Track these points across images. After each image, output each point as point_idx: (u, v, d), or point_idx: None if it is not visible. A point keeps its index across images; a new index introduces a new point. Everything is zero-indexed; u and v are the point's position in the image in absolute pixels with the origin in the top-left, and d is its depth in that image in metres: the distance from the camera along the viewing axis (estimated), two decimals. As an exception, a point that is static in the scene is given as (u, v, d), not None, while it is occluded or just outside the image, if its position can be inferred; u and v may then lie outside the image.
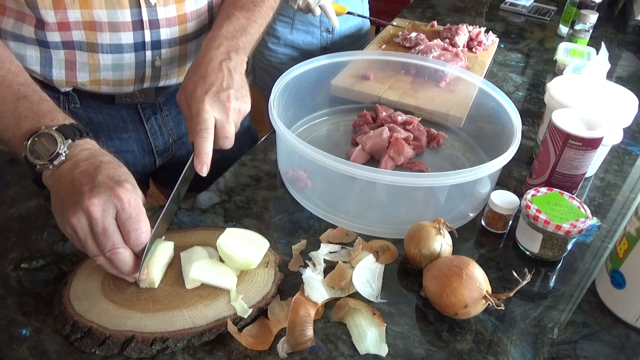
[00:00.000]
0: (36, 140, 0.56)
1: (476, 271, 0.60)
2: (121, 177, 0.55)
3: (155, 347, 0.54)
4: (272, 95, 0.81)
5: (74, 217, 0.52)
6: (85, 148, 0.58)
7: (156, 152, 0.92)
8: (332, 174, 0.69)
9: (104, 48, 0.73)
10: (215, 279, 0.60)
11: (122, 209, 0.53)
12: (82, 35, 0.71)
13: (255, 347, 0.56)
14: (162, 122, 0.90)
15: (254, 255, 0.63)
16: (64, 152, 0.56)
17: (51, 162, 0.56)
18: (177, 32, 0.78)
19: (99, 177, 0.54)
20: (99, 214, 0.52)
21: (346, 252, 0.70)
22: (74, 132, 0.58)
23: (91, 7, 0.68)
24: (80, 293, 0.59)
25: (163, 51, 0.78)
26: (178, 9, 0.76)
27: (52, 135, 0.56)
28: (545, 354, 0.59)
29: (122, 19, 0.71)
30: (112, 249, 0.54)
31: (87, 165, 0.55)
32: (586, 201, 0.85)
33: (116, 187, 0.53)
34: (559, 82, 0.91)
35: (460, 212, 0.78)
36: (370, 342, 0.58)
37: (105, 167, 0.55)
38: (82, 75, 0.75)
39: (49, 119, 0.58)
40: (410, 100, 1.03)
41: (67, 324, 0.55)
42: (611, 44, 1.55)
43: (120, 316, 0.56)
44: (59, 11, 0.67)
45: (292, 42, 1.37)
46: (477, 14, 1.71)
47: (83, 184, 0.53)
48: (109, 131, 0.85)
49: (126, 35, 0.73)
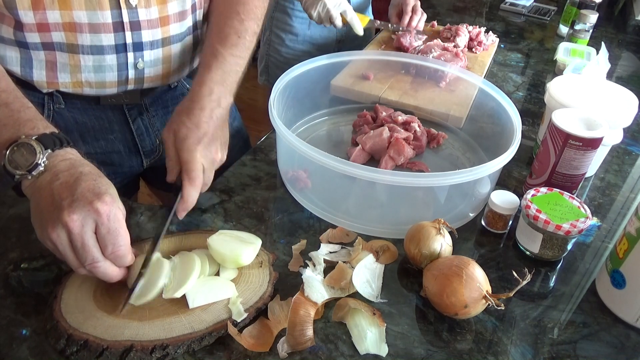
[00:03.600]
0: (15, 150, 0.55)
1: (476, 271, 0.60)
2: (101, 189, 0.54)
3: (155, 354, 0.53)
4: (272, 95, 0.81)
5: (54, 232, 0.52)
6: (65, 158, 0.57)
7: (143, 153, 0.91)
8: (332, 174, 0.69)
9: (85, 49, 0.72)
10: (215, 295, 0.60)
11: (101, 223, 0.53)
12: (62, 37, 0.70)
13: (256, 348, 0.56)
14: (149, 123, 0.89)
15: (243, 250, 0.63)
16: (43, 162, 0.55)
17: (30, 172, 0.55)
18: (160, 34, 0.77)
19: (78, 190, 0.53)
20: (77, 229, 0.52)
21: (346, 252, 0.70)
22: (54, 141, 0.57)
23: (71, 8, 0.68)
24: (72, 306, 0.57)
25: (145, 53, 0.77)
26: (160, 11, 0.75)
27: (31, 145, 0.55)
28: (545, 354, 0.59)
29: (102, 20, 0.70)
30: (92, 263, 0.54)
31: (67, 176, 0.55)
32: (586, 201, 0.85)
33: (95, 200, 0.53)
34: (559, 82, 0.91)
35: (460, 212, 0.78)
36: (370, 342, 0.58)
37: (84, 178, 0.55)
38: (64, 76, 0.75)
39: (29, 127, 0.57)
40: (410, 100, 1.03)
41: (62, 338, 0.53)
42: (611, 44, 1.55)
43: (116, 326, 0.55)
44: (38, 12, 0.67)
45: (310, 37, 1.37)
46: (477, 14, 1.71)
47: (62, 197, 0.53)
48: (94, 132, 0.84)
49: (107, 36, 0.72)
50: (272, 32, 1.40)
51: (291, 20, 1.35)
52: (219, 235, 0.65)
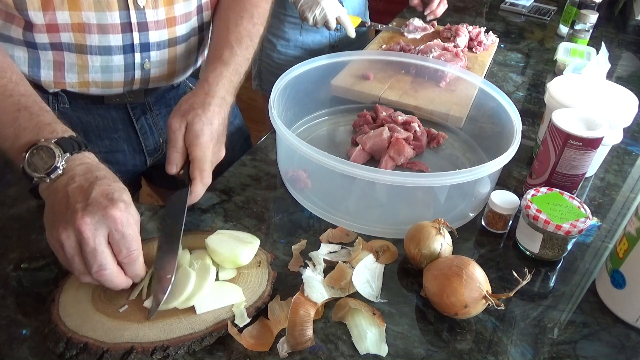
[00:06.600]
0: (34, 153, 0.55)
1: (476, 271, 0.60)
2: (114, 194, 0.54)
3: (155, 356, 0.53)
4: (272, 95, 0.81)
5: (64, 233, 0.52)
6: (83, 162, 0.57)
7: (147, 152, 0.92)
8: (332, 174, 0.69)
9: (93, 50, 0.73)
10: (222, 301, 0.59)
11: (115, 230, 0.53)
12: (70, 37, 0.71)
13: (256, 348, 0.56)
14: (152, 121, 0.90)
15: (241, 250, 0.63)
16: (62, 165, 0.56)
17: (48, 175, 0.55)
18: (166, 35, 0.78)
19: (92, 194, 0.53)
20: (89, 233, 0.52)
21: (346, 252, 0.70)
22: (72, 145, 0.57)
23: (80, 9, 0.68)
24: (70, 309, 0.57)
25: (152, 54, 0.78)
26: (167, 12, 0.76)
27: (50, 149, 0.55)
28: (545, 354, 0.59)
29: (110, 22, 0.71)
30: (99, 270, 0.53)
31: (83, 180, 0.55)
32: (586, 201, 0.85)
33: (109, 206, 0.53)
34: (559, 82, 0.91)
35: (460, 212, 0.78)
36: (370, 342, 0.58)
37: (100, 183, 0.55)
38: (71, 76, 0.75)
39: (48, 131, 0.58)
40: (410, 100, 1.03)
41: (61, 342, 0.53)
42: (611, 44, 1.55)
43: (116, 328, 0.55)
44: (48, 13, 0.67)
45: (302, 43, 1.37)
46: (477, 14, 1.71)
47: (77, 200, 0.53)
48: (99, 131, 0.85)
49: (115, 37, 0.73)
50: (264, 38, 1.40)
51: (283, 25, 1.34)
52: (217, 236, 0.65)
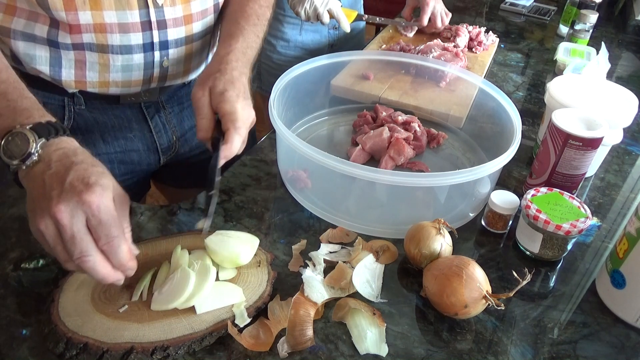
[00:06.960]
0: (10, 140, 0.54)
1: (476, 271, 0.60)
2: (90, 178, 0.52)
3: (156, 356, 0.53)
4: (272, 95, 0.81)
5: (42, 222, 0.50)
6: (59, 147, 0.55)
7: (161, 150, 0.92)
8: (332, 174, 0.69)
9: (114, 49, 0.73)
10: (222, 301, 0.59)
11: (91, 215, 0.51)
12: (92, 38, 0.71)
13: (256, 348, 0.56)
14: (166, 119, 0.90)
15: (241, 250, 0.63)
16: (37, 151, 0.54)
17: (23, 162, 0.53)
18: (184, 32, 0.79)
19: (68, 179, 0.51)
20: (66, 220, 0.50)
21: (346, 252, 0.70)
22: (49, 130, 0.55)
23: (101, 8, 0.69)
24: (70, 309, 0.57)
25: (170, 51, 0.79)
26: (184, 9, 0.77)
27: (24, 134, 0.54)
28: (545, 354, 0.59)
29: (131, 20, 0.72)
30: (80, 257, 0.51)
31: (59, 166, 0.53)
32: (586, 201, 0.85)
33: (84, 191, 0.50)
34: (559, 82, 0.91)
35: (460, 212, 0.78)
36: (370, 342, 0.58)
37: (76, 168, 0.53)
38: (92, 75, 0.76)
39: (24, 117, 0.56)
40: (410, 100, 1.03)
41: (61, 342, 0.53)
42: (611, 44, 1.55)
43: (116, 328, 0.55)
44: (70, 13, 0.68)
45: (301, 43, 1.37)
46: (477, 14, 1.71)
47: (53, 187, 0.51)
48: (114, 131, 0.85)
49: (135, 36, 0.73)
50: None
51: (282, 26, 1.34)
52: (217, 236, 0.65)
